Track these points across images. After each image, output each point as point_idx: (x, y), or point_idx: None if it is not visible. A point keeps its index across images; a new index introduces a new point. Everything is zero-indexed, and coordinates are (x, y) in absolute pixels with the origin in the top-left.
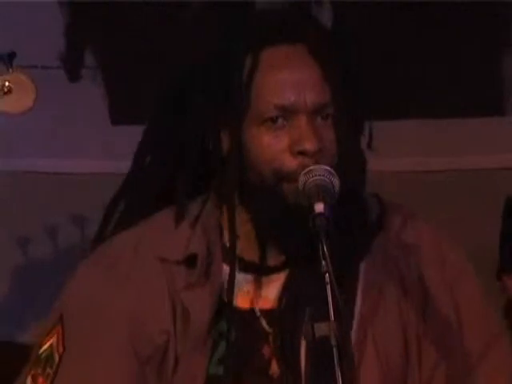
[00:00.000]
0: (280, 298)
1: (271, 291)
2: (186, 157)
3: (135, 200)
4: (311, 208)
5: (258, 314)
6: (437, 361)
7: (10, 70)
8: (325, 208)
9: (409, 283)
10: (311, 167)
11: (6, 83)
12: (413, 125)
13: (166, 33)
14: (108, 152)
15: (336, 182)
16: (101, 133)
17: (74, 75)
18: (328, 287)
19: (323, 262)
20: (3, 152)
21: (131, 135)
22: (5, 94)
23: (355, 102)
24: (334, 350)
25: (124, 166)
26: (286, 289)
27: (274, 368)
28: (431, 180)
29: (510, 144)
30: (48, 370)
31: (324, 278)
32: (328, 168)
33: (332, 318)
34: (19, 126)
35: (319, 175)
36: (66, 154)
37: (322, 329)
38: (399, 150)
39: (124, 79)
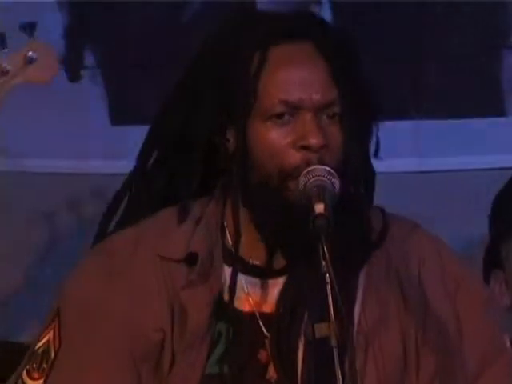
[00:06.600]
0: (279, 302)
1: (272, 295)
2: (192, 154)
3: (138, 198)
4: (311, 209)
5: (258, 317)
6: (435, 372)
7: (32, 39)
8: (325, 209)
9: (409, 294)
10: (311, 167)
11: (30, 53)
12: (412, 125)
13: (166, 33)
14: (108, 152)
15: (336, 182)
16: (100, 133)
17: (73, 75)
18: (328, 287)
19: (323, 263)
20: (1, 152)
21: (131, 136)
22: (30, 63)
23: (363, 102)
24: (334, 350)
25: (123, 166)
26: (284, 293)
27: (272, 372)
28: (430, 181)
29: (510, 145)
30: (44, 365)
31: (324, 278)
32: (328, 168)
33: (332, 319)
34: (18, 126)
35: (319, 176)
36: (65, 155)
37: (322, 329)
38: (398, 150)
39: (124, 80)
